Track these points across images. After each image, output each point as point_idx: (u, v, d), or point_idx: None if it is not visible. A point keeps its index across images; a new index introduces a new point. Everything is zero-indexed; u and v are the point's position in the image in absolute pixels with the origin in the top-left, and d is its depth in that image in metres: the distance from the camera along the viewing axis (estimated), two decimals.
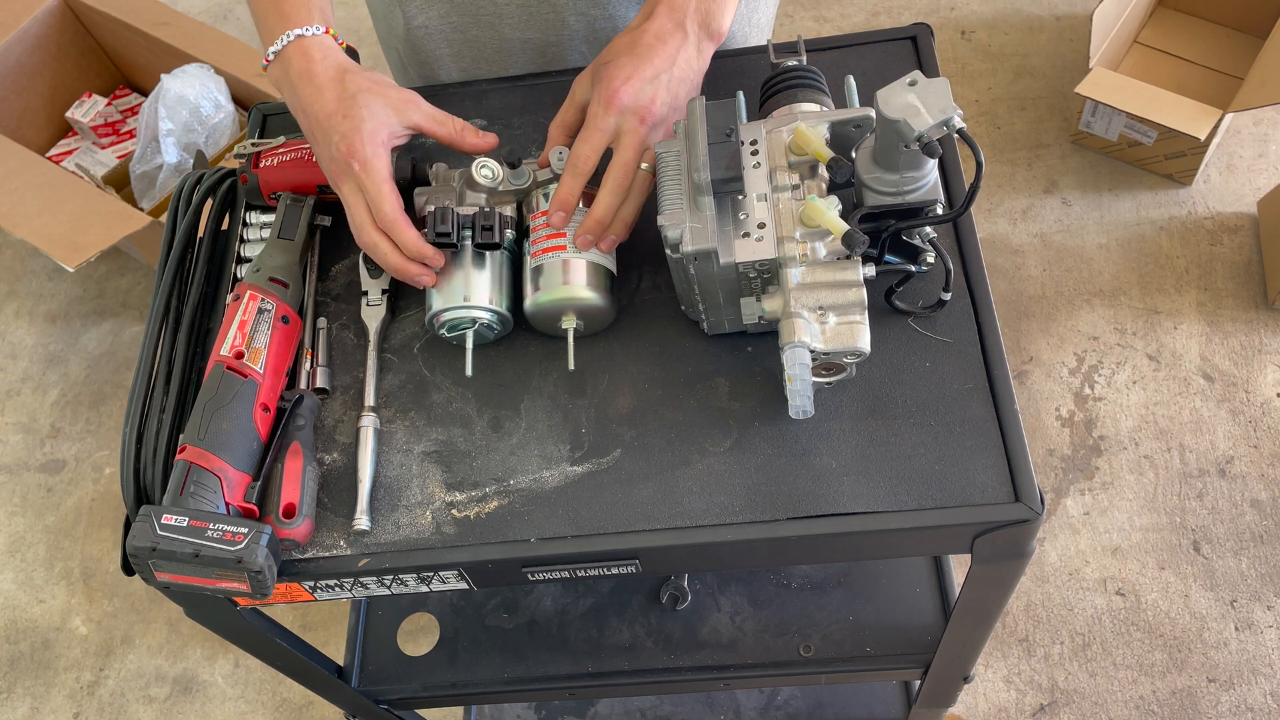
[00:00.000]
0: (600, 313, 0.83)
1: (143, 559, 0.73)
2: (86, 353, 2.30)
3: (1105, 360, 1.98)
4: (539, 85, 1.01)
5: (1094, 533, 1.82)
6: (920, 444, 0.77)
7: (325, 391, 0.87)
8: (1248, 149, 2.18)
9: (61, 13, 2.37)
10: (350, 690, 1.10)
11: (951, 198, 0.86)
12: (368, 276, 0.89)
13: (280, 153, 0.92)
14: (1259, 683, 1.67)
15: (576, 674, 1.10)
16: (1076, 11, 2.45)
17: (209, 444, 0.77)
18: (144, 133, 2.17)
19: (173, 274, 0.90)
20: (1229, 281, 2.03)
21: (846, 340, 0.73)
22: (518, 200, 0.87)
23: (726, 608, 1.11)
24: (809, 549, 0.77)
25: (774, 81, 0.85)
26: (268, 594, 0.75)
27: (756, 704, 1.45)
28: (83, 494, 2.11)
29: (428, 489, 0.81)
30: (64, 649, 1.95)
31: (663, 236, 0.75)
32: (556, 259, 0.82)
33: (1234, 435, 1.87)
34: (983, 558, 0.78)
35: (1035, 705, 1.70)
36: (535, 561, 0.78)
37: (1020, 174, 2.22)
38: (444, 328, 0.84)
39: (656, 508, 0.78)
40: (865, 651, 1.07)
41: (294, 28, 0.82)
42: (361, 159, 0.79)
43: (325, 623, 1.90)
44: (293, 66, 0.82)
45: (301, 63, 0.82)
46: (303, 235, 0.89)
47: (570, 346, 0.82)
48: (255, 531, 0.73)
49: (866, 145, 0.77)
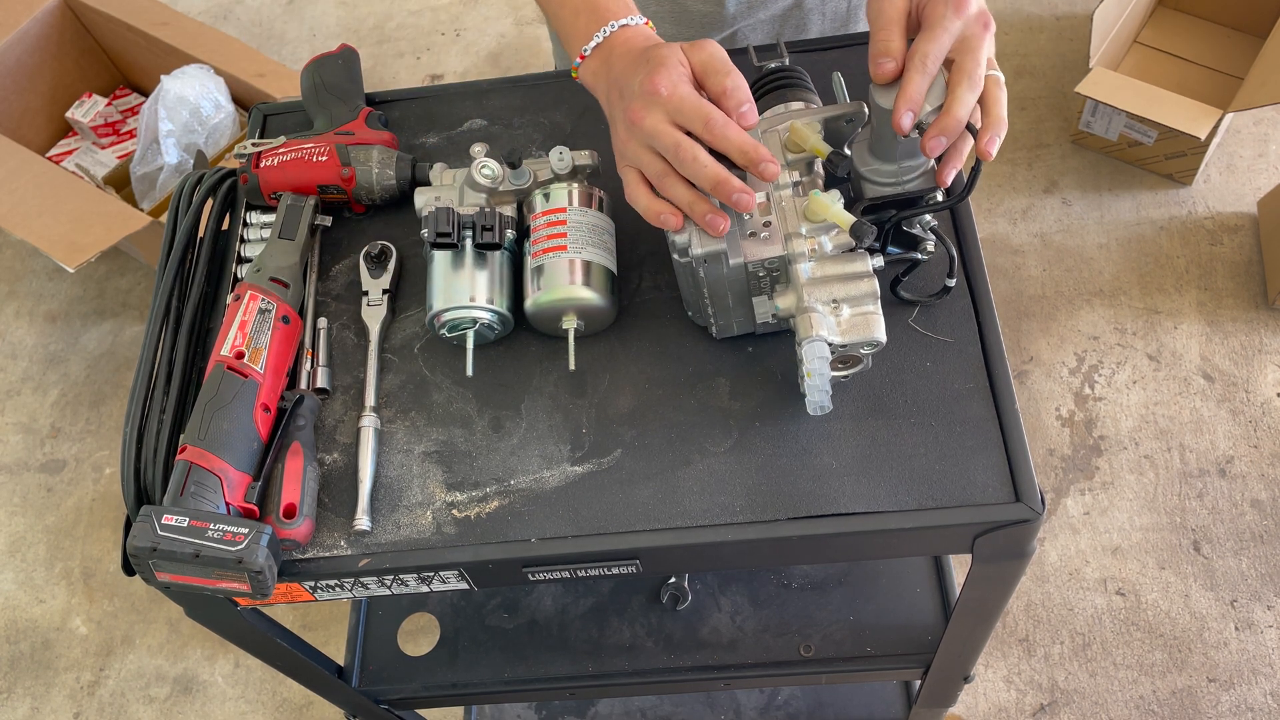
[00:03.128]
0: (601, 312, 0.83)
1: (143, 559, 0.73)
2: (86, 353, 2.30)
3: (1105, 360, 1.98)
4: (539, 85, 1.01)
5: (1094, 532, 1.82)
6: (921, 444, 0.77)
7: (326, 392, 0.87)
8: (1248, 149, 2.18)
9: (61, 13, 2.37)
10: (350, 690, 1.10)
11: (951, 187, 0.86)
12: (368, 276, 0.90)
13: (281, 153, 0.92)
14: (1259, 682, 1.67)
15: (577, 674, 1.10)
16: (1076, 11, 2.45)
17: (209, 444, 0.77)
18: (144, 134, 2.17)
19: (173, 274, 0.90)
20: (1229, 281, 2.03)
21: (863, 331, 0.72)
22: (518, 200, 0.87)
23: (727, 607, 1.11)
24: (810, 549, 0.77)
25: (762, 82, 0.85)
26: (268, 594, 0.75)
27: (757, 704, 1.45)
28: (83, 494, 2.11)
29: (428, 489, 0.81)
30: (64, 649, 1.95)
31: (669, 243, 0.75)
32: (558, 259, 0.82)
33: (1234, 435, 1.87)
34: (983, 558, 0.78)
35: (1035, 705, 1.70)
36: (536, 561, 0.78)
37: (1020, 174, 2.22)
38: (444, 328, 0.84)
39: (657, 508, 0.78)
40: (866, 651, 1.07)
41: (616, 19, 0.81)
42: (668, 85, 0.73)
43: (325, 622, 1.90)
44: (615, 51, 0.80)
45: (623, 45, 0.79)
46: (303, 235, 0.89)
47: (571, 346, 0.82)
48: (256, 532, 0.73)
49: (861, 139, 0.77)
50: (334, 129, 0.94)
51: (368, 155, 0.91)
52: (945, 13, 0.73)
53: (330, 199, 0.93)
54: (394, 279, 0.90)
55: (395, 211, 0.95)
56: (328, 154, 0.91)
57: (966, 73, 0.73)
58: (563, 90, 1.00)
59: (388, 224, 0.94)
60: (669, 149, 0.73)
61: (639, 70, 0.75)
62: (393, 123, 1.00)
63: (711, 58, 0.74)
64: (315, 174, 0.91)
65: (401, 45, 2.71)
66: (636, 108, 0.74)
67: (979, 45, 0.74)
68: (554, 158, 0.84)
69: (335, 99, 0.96)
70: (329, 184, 0.91)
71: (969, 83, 0.73)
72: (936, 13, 0.73)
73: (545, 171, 0.86)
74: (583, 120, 0.97)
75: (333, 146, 0.92)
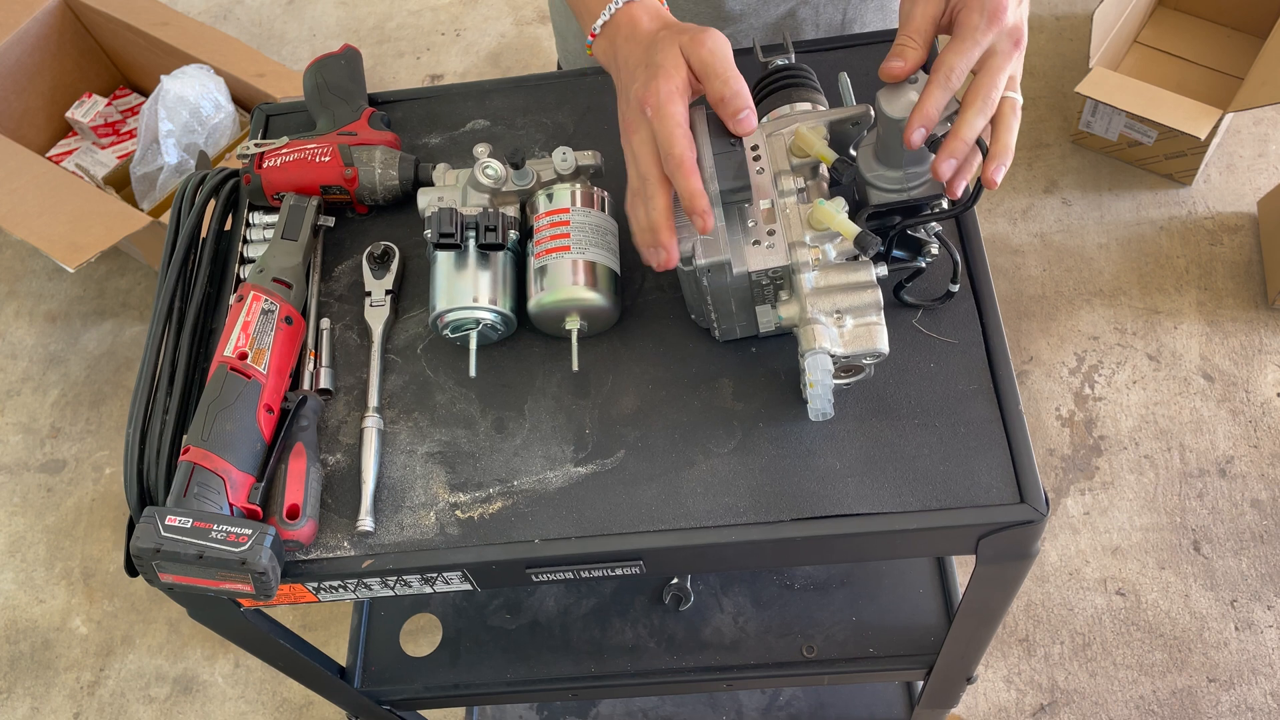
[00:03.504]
0: (604, 313, 0.83)
1: (147, 560, 0.73)
2: (86, 353, 2.30)
3: (1105, 360, 1.98)
4: (541, 85, 1.01)
5: (1094, 532, 1.82)
6: (925, 445, 0.77)
7: (328, 392, 0.87)
8: (1248, 149, 2.18)
9: (61, 13, 2.36)
10: (352, 691, 1.10)
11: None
12: (371, 277, 0.89)
13: (284, 153, 0.92)
14: (1259, 682, 1.67)
15: (579, 675, 1.10)
16: (1076, 11, 2.45)
17: (213, 445, 0.77)
18: (144, 134, 2.17)
19: (176, 275, 0.90)
20: (1229, 281, 2.04)
21: (865, 343, 0.72)
22: (521, 201, 0.87)
23: (729, 608, 1.11)
24: (813, 550, 0.77)
25: (767, 82, 0.84)
26: (271, 595, 0.75)
27: (759, 704, 1.45)
28: (83, 494, 2.11)
29: (431, 490, 0.81)
30: (64, 649, 1.95)
31: None
32: (561, 259, 0.81)
33: (1234, 435, 1.87)
34: (987, 559, 0.78)
35: (1035, 705, 1.70)
36: (539, 562, 0.78)
37: (1020, 174, 2.22)
38: (448, 328, 0.84)
39: (661, 509, 0.77)
40: (868, 652, 1.07)
41: None
42: (655, 104, 0.72)
43: (327, 622, 1.90)
44: (620, 31, 0.78)
45: (628, 26, 0.78)
46: (306, 236, 0.89)
47: (574, 347, 0.82)
48: (259, 533, 0.73)
49: (867, 143, 0.76)
50: (337, 129, 0.94)
51: (370, 156, 0.91)
52: (979, 23, 0.70)
53: (333, 199, 0.93)
54: (397, 279, 0.90)
55: (398, 212, 0.94)
56: (330, 155, 0.91)
57: (982, 94, 0.70)
58: (565, 90, 1.00)
59: (390, 224, 0.94)
60: (639, 177, 0.74)
61: (638, 72, 0.74)
62: (395, 123, 1.00)
63: (713, 56, 0.72)
64: (318, 174, 0.90)
65: (401, 45, 2.71)
66: (629, 118, 0.75)
67: (1003, 65, 0.71)
68: (557, 158, 0.84)
69: (338, 99, 0.96)
70: (332, 184, 0.91)
71: (982, 105, 0.70)
72: (970, 21, 0.70)
73: (549, 172, 0.86)
74: (585, 120, 0.97)
75: (335, 147, 0.92)
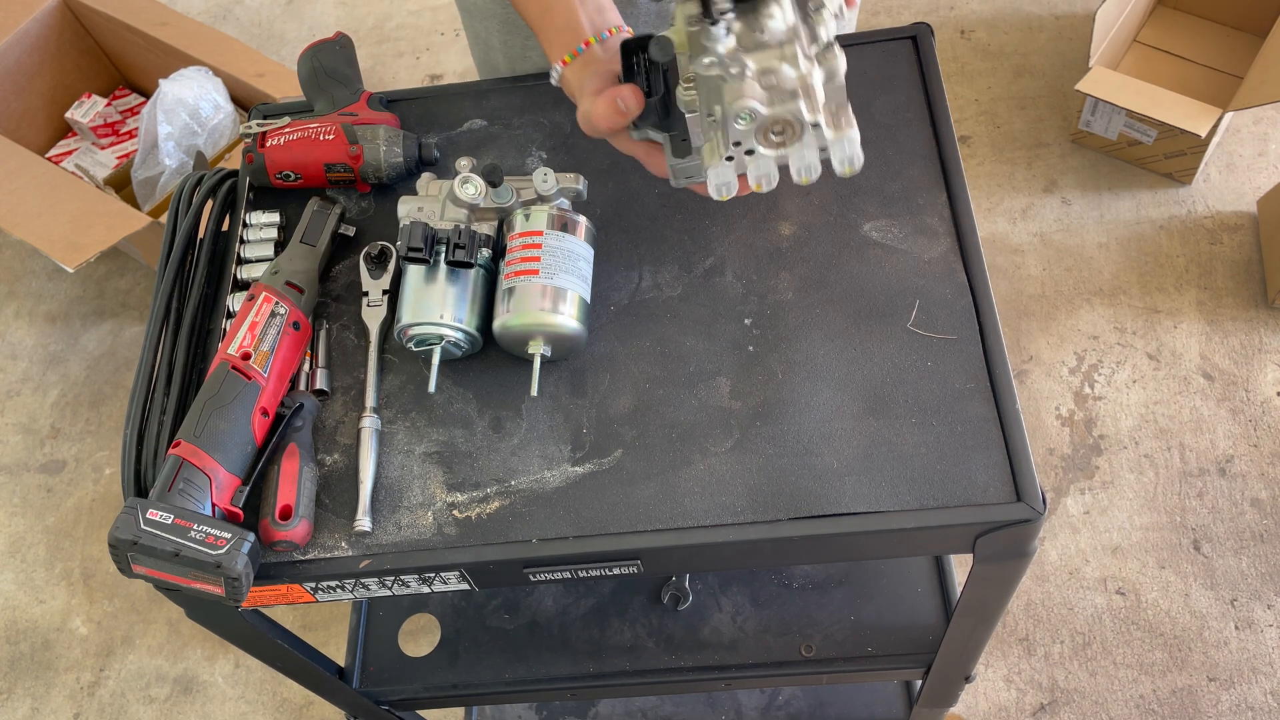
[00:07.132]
0: (569, 340, 0.82)
1: (123, 550, 0.72)
2: (86, 353, 2.30)
3: (1105, 359, 1.98)
4: (540, 86, 1.01)
5: (1094, 532, 1.82)
6: (922, 444, 0.77)
7: (324, 393, 0.87)
8: (1247, 148, 2.18)
9: (61, 13, 2.37)
10: (351, 691, 1.10)
11: (952, 198, 0.86)
12: (368, 277, 0.89)
13: (287, 132, 0.91)
14: (1259, 681, 1.67)
15: (578, 674, 1.10)
16: (1076, 11, 2.44)
17: (204, 442, 0.76)
18: (144, 138, 2.17)
19: (173, 275, 0.90)
20: (1229, 280, 2.03)
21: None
22: (500, 218, 0.86)
23: (728, 608, 1.11)
24: (811, 549, 0.77)
25: None
26: (241, 600, 0.75)
27: (758, 704, 1.45)
28: (83, 494, 2.11)
29: (429, 490, 0.81)
30: (64, 649, 1.95)
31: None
32: (529, 283, 0.81)
33: (1234, 434, 1.87)
34: (984, 557, 0.78)
35: (1035, 704, 1.70)
36: (537, 562, 0.78)
37: (1020, 173, 2.22)
38: (411, 341, 0.84)
39: (658, 508, 0.77)
40: (867, 651, 1.07)
41: None
42: (583, 121, 0.79)
43: (326, 623, 1.90)
44: None
45: None
46: (325, 242, 0.88)
47: (535, 373, 0.82)
48: (238, 538, 0.73)
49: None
50: (337, 111, 0.93)
51: (375, 134, 0.91)
52: None
53: (337, 178, 0.92)
54: (394, 280, 0.89)
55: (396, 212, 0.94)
56: (335, 133, 0.90)
57: None
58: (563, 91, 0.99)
59: (388, 225, 0.94)
60: None
61: None
62: None
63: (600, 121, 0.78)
64: (322, 152, 0.89)
65: (401, 45, 2.71)
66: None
67: None
68: (538, 179, 0.83)
69: (335, 83, 0.96)
70: (336, 163, 0.90)
71: None
72: None
73: (529, 191, 0.85)
74: None
75: (339, 126, 0.91)
